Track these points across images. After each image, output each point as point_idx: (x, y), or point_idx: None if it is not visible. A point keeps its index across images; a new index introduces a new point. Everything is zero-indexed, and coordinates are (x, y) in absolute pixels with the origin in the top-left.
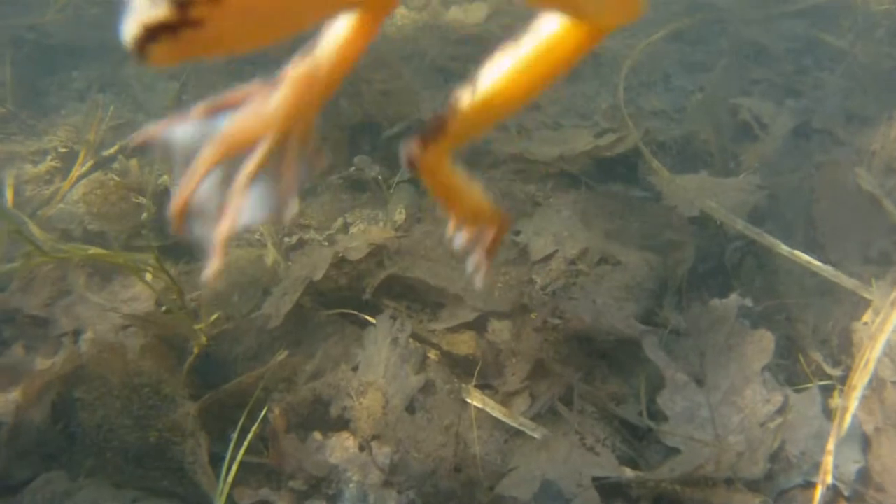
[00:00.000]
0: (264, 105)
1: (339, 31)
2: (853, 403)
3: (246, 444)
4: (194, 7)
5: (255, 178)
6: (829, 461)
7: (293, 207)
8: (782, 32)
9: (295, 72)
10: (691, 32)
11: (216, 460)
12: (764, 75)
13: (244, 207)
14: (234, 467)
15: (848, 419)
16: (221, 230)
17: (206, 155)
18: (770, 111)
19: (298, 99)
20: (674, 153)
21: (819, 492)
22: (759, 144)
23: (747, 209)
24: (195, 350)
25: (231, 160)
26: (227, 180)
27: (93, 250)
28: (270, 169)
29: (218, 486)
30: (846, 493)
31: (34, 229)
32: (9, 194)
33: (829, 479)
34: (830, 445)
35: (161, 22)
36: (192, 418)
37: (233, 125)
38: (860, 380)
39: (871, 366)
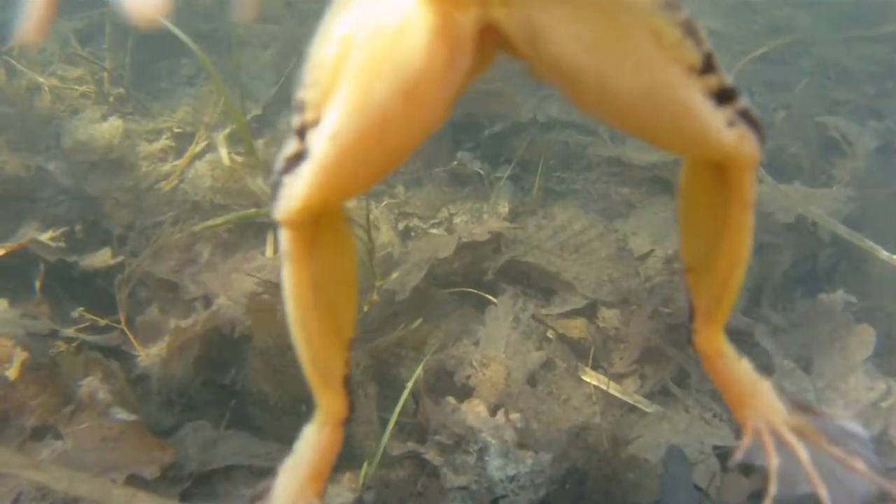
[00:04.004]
0: None
1: None
2: None
3: (403, 399)
4: None
5: None
6: None
7: None
8: (863, 56)
9: None
10: (772, 53)
11: None
12: (846, 96)
13: None
14: (394, 418)
15: None
16: None
17: None
18: (854, 131)
19: None
20: (764, 164)
21: None
22: (848, 160)
23: (841, 218)
24: (365, 308)
25: None
26: None
27: None
28: None
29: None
30: None
31: None
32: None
33: None
34: None
35: None
36: (364, 369)
37: None
38: None
39: None
